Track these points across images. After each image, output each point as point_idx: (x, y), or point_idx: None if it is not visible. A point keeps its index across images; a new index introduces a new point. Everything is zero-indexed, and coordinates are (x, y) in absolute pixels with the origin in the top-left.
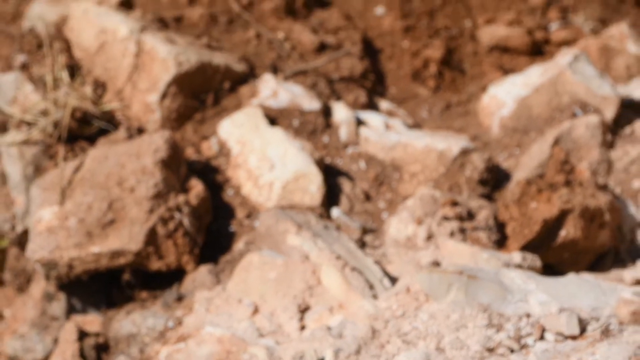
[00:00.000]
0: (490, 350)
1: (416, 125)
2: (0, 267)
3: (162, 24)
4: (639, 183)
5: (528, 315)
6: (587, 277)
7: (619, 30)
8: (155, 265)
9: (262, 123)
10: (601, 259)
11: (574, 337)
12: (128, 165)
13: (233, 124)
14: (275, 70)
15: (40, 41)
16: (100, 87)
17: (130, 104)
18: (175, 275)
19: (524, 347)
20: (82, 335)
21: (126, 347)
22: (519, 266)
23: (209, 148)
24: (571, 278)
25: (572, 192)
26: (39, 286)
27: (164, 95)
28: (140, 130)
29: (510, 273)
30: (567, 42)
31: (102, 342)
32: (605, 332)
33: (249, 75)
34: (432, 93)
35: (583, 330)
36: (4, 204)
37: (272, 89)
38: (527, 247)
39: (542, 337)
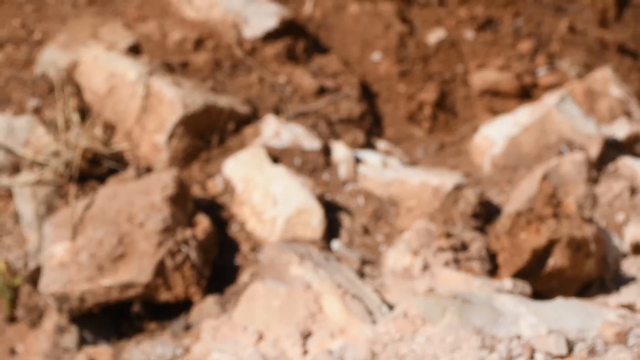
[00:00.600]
0: None
1: (412, 163)
2: (14, 304)
3: (169, 68)
4: (623, 217)
5: (519, 337)
6: (574, 301)
7: (602, 74)
8: (164, 296)
9: (265, 162)
10: (587, 288)
11: (562, 357)
12: (137, 201)
13: (237, 162)
14: (277, 112)
15: (52, 86)
16: (109, 128)
17: (138, 144)
18: (183, 306)
19: None
20: None
21: None
22: (510, 292)
23: (215, 186)
24: (559, 302)
25: (559, 223)
26: (51, 320)
27: (171, 136)
28: (149, 170)
29: (501, 298)
30: (554, 86)
31: None
32: (592, 352)
33: (252, 117)
34: (427, 134)
35: (570, 350)
36: (17, 243)
37: (274, 130)
38: (517, 276)
39: (532, 358)
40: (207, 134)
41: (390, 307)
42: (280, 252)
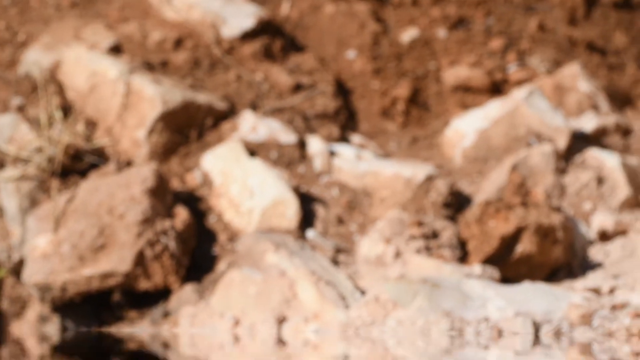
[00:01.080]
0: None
1: (386, 157)
2: None
3: (149, 67)
4: (590, 205)
5: (487, 320)
6: (541, 285)
7: (571, 70)
8: (144, 285)
9: (242, 155)
10: (555, 274)
11: (528, 340)
12: (118, 194)
13: (215, 156)
14: (254, 107)
15: (35, 85)
16: (91, 125)
17: (119, 140)
18: (162, 295)
19: (483, 347)
20: None
21: None
22: (479, 277)
23: (193, 179)
24: (526, 286)
25: (527, 211)
26: (34, 310)
27: (151, 131)
28: (129, 164)
29: (470, 282)
30: (524, 82)
31: None
32: (557, 333)
33: (230, 113)
34: (400, 128)
35: (537, 331)
36: (1, 236)
37: (251, 125)
38: (487, 262)
39: (499, 339)
40: (186, 129)
41: (364, 293)
42: (256, 241)
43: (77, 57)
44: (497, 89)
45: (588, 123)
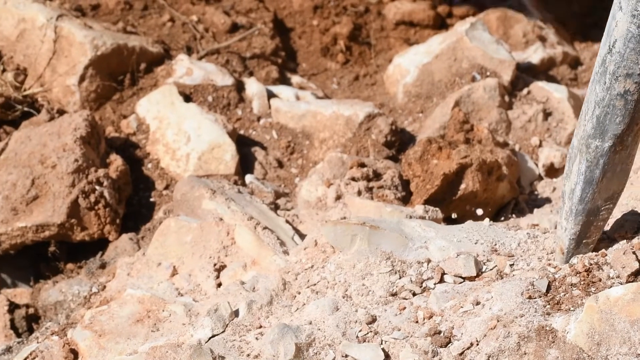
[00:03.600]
0: (394, 294)
1: (326, 96)
2: None
3: (80, 11)
4: (536, 140)
5: (429, 261)
6: (484, 223)
7: (517, 2)
8: (79, 236)
9: (177, 100)
10: (502, 211)
11: (471, 279)
12: (49, 144)
13: (150, 102)
14: (189, 50)
15: None
16: (21, 73)
17: (51, 87)
18: (99, 246)
19: (425, 290)
20: (13, 307)
21: (54, 314)
22: (422, 218)
23: (128, 126)
24: (469, 225)
25: (470, 148)
26: None
27: (82, 78)
28: (61, 112)
29: (411, 222)
30: (470, 15)
31: (31, 312)
32: (500, 272)
33: (165, 57)
34: (341, 67)
35: (480, 271)
36: None
37: (186, 68)
38: (430, 202)
39: (442, 280)
40: (119, 75)
41: (303, 237)
42: (191, 187)
43: (3, 2)
44: (441, 23)
45: (535, 55)
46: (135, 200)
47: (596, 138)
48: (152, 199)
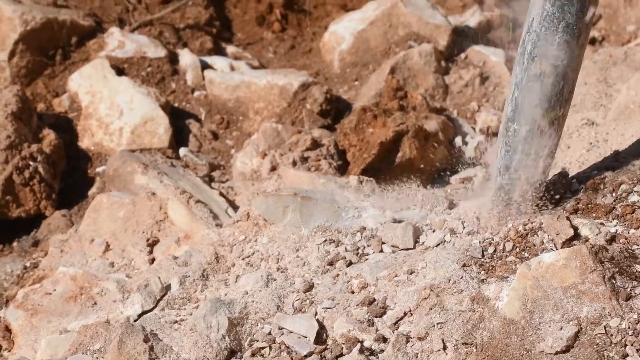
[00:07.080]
0: (330, 264)
1: (262, 66)
2: None
3: None
4: (475, 105)
5: (363, 229)
6: (420, 190)
7: None
8: (15, 212)
9: (109, 73)
10: (441, 175)
11: (408, 248)
12: None
13: (82, 76)
14: (122, 23)
15: None
16: None
17: None
18: (32, 224)
19: (361, 257)
20: None
21: None
22: (357, 188)
23: (60, 101)
24: (404, 191)
25: (405, 115)
26: None
27: (12, 54)
28: None
29: (344, 192)
30: None
31: None
32: (435, 240)
33: (97, 30)
34: (277, 35)
35: (417, 239)
36: None
37: (118, 41)
38: (368, 171)
39: (381, 250)
40: (50, 50)
41: (238, 209)
42: (123, 162)
43: None
44: None
45: (472, 19)
46: (70, 177)
47: (514, 122)
48: (87, 175)
